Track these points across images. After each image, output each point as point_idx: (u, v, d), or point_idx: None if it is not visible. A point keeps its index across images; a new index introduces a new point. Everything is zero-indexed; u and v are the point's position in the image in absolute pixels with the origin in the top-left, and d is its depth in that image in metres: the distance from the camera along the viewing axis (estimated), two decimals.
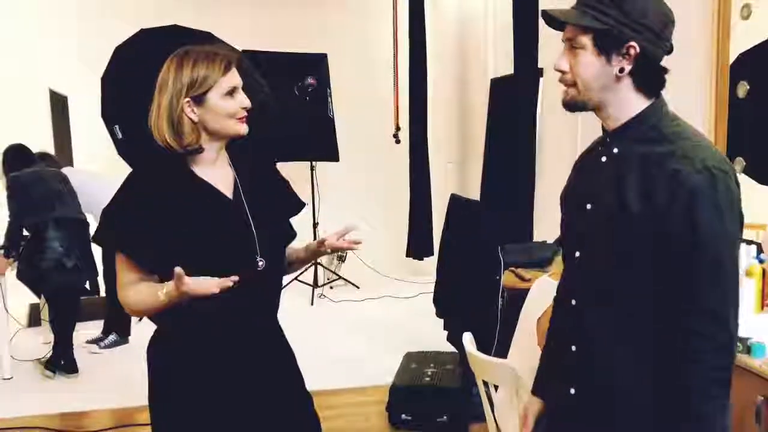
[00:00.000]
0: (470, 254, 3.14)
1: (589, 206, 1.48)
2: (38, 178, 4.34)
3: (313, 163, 6.57)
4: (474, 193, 6.09)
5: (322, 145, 6.46)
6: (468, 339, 2.21)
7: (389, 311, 5.86)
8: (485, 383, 2.18)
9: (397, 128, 7.10)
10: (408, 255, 6.97)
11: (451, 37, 7.00)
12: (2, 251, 4.38)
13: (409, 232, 7.00)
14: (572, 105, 1.48)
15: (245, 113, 1.69)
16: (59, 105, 6.28)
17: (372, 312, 5.88)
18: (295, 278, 6.56)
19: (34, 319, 5.37)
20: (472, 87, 6.72)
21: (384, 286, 6.53)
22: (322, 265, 6.66)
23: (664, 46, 1.43)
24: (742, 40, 2.87)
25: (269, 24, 6.90)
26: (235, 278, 1.55)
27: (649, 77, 1.44)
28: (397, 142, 7.05)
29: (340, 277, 6.73)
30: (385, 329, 5.27)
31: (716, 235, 1.32)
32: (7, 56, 6.51)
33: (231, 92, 1.65)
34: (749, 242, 2.75)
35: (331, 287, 6.65)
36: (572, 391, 1.52)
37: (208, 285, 1.52)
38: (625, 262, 1.40)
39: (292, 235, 1.90)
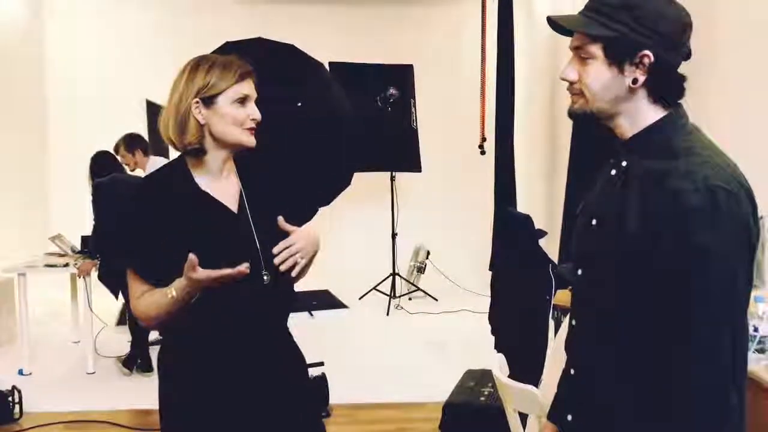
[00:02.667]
0: (522, 271, 3.02)
1: (594, 222, 1.38)
2: (121, 183, 4.54)
3: (394, 173, 6.56)
4: (560, 207, 5.89)
5: (404, 155, 6.46)
6: (497, 363, 2.11)
7: (465, 326, 5.74)
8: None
9: (483, 139, 6.98)
10: (491, 268, 6.83)
11: (541, 46, 6.82)
12: (88, 253, 4.64)
13: (493, 245, 6.85)
14: (579, 115, 1.37)
15: (254, 125, 1.68)
16: (156, 115, 6.62)
17: (447, 326, 5.78)
18: (374, 288, 6.58)
19: (124, 318, 5.66)
20: (561, 97, 6.51)
21: (463, 300, 6.41)
22: (401, 276, 6.64)
23: (681, 52, 1.31)
24: None
25: (356, 36, 7.00)
26: (246, 265, 1.55)
27: (666, 87, 1.32)
28: (483, 153, 6.93)
29: (418, 289, 6.68)
30: (457, 344, 5.17)
31: (712, 261, 1.18)
32: (108, 68, 6.96)
33: (242, 101, 1.66)
34: None
35: (410, 299, 6.61)
36: (569, 417, 1.41)
37: (219, 272, 1.54)
38: (623, 285, 1.28)
39: None
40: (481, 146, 6.98)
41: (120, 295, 4.68)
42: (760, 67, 3.07)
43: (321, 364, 3.92)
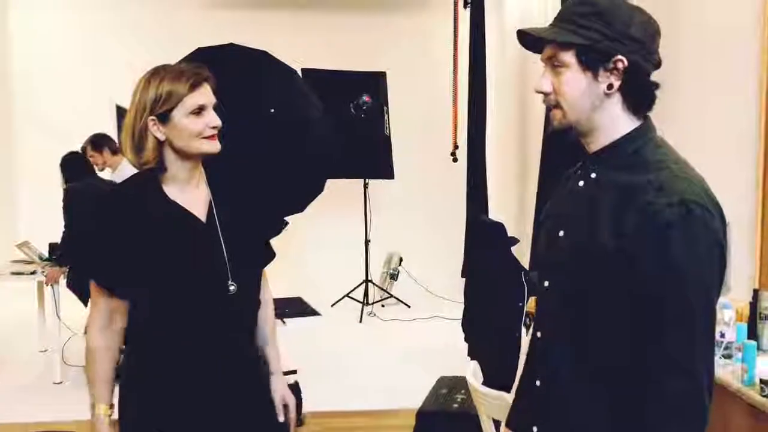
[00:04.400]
0: (494, 279, 3.04)
1: (561, 233, 1.37)
2: (93, 189, 4.46)
3: (366, 180, 6.57)
4: (531, 214, 5.94)
5: (377, 162, 6.46)
6: (471, 370, 2.12)
7: (437, 332, 5.75)
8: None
9: (455, 146, 7.02)
10: (463, 275, 6.86)
11: (512, 54, 6.89)
12: (55, 260, 4.56)
13: (465, 251, 6.89)
14: (561, 130, 1.36)
15: (214, 132, 1.66)
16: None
17: (419, 333, 5.80)
18: (347, 295, 6.57)
19: None
20: (532, 104, 6.58)
21: (436, 307, 6.44)
22: (373, 283, 6.63)
23: (652, 59, 1.32)
24: None
25: (329, 43, 6.99)
26: None
27: (640, 93, 1.33)
28: (455, 160, 6.97)
29: (391, 296, 6.68)
30: (429, 351, 5.17)
31: (687, 277, 1.19)
32: (76, 70, 6.86)
33: (198, 111, 1.63)
34: None
35: (383, 305, 6.61)
36: (534, 429, 1.41)
37: None
38: (592, 298, 1.28)
39: (270, 256, 1.87)
40: (453, 153, 7.02)
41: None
42: (718, 73, 3.13)
43: (294, 372, 3.90)
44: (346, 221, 6.91)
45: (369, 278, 6.59)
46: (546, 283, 1.41)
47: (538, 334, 1.43)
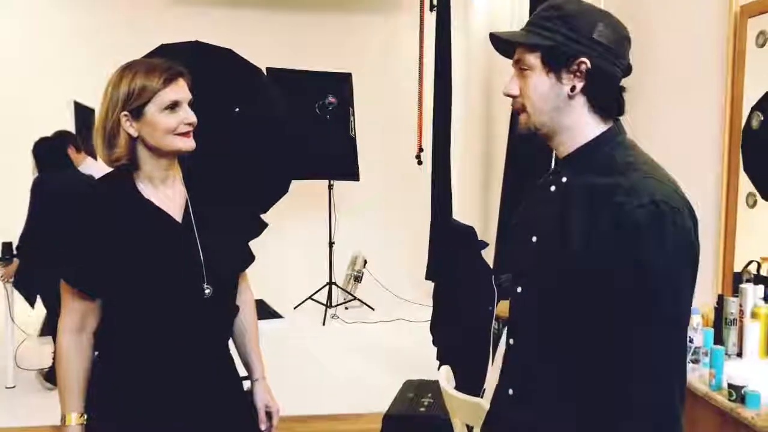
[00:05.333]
0: (464, 282, 3.03)
1: (533, 239, 1.35)
2: (65, 186, 4.15)
3: (331, 181, 6.52)
4: (495, 217, 5.97)
5: (341, 163, 6.42)
6: (444, 374, 2.09)
7: (401, 335, 5.74)
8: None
9: (420, 149, 7.03)
10: (427, 278, 6.86)
11: (478, 58, 6.92)
12: (9, 259, 4.38)
13: (429, 254, 6.89)
14: (524, 133, 1.36)
15: (189, 128, 1.60)
16: (85, 118, 6.37)
17: (383, 335, 5.77)
18: (310, 297, 6.51)
19: (47, 329, 5.40)
20: (497, 109, 6.62)
21: (400, 309, 6.42)
22: (337, 285, 6.59)
23: (619, 63, 1.31)
24: (757, 68, 2.73)
25: (294, 42, 6.94)
26: None
27: (605, 96, 1.32)
28: (420, 163, 6.98)
29: (355, 298, 6.64)
30: (393, 353, 5.16)
31: (659, 279, 1.17)
32: (34, 68, 6.67)
33: (172, 107, 1.57)
34: (757, 279, 2.60)
35: (346, 308, 6.56)
36: None
37: None
38: (565, 303, 1.26)
39: (249, 259, 1.82)
40: (418, 156, 7.03)
41: (37, 304, 4.43)
42: (683, 75, 3.17)
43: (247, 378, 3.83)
44: (310, 223, 6.86)
45: (333, 280, 6.54)
46: (519, 289, 1.39)
47: (511, 341, 1.41)
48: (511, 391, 1.39)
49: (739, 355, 2.41)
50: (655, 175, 1.25)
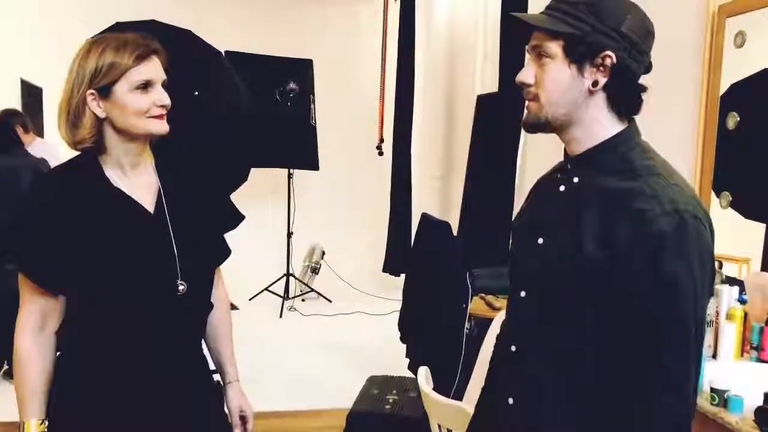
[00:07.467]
0: (436, 278, 2.96)
1: (540, 241, 1.28)
2: (12, 172, 3.90)
3: (291, 170, 6.38)
4: (456, 209, 5.93)
5: (302, 152, 6.29)
6: (423, 375, 2.02)
7: (360, 328, 5.65)
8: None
9: (381, 140, 6.94)
10: (385, 270, 6.80)
11: (441, 51, 6.86)
12: None
13: (388, 246, 6.83)
14: (534, 124, 1.27)
15: (162, 111, 1.47)
16: (33, 96, 6.09)
17: (342, 328, 5.67)
18: (266, 289, 6.37)
19: None
20: (459, 102, 6.58)
21: (358, 302, 6.33)
22: (294, 276, 6.46)
23: (642, 60, 1.25)
24: (735, 68, 2.73)
25: (255, 26, 6.76)
26: None
27: (626, 95, 1.25)
28: (380, 154, 6.89)
29: (312, 290, 6.53)
30: (353, 348, 5.07)
31: (680, 290, 1.12)
32: None
33: (144, 86, 1.44)
34: (731, 281, 2.60)
35: (303, 300, 6.44)
36: None
37: None
38: (574, 309, 1.19)
39: (225, 253, 1.70)
40: (379, 147, 6.94)
41: None
42: (659, 75, 3.17)
43: (213, 371, 3.69)
44: (268, 212, 6.70)
45: (291, 272, 6.41)
46: (522, 293, 1.31)
47: (512, 348, 1.33)
48: (511, 401, 1.31)
49: (714, 356, 2.41)
50: (677, 183, 1.19)
